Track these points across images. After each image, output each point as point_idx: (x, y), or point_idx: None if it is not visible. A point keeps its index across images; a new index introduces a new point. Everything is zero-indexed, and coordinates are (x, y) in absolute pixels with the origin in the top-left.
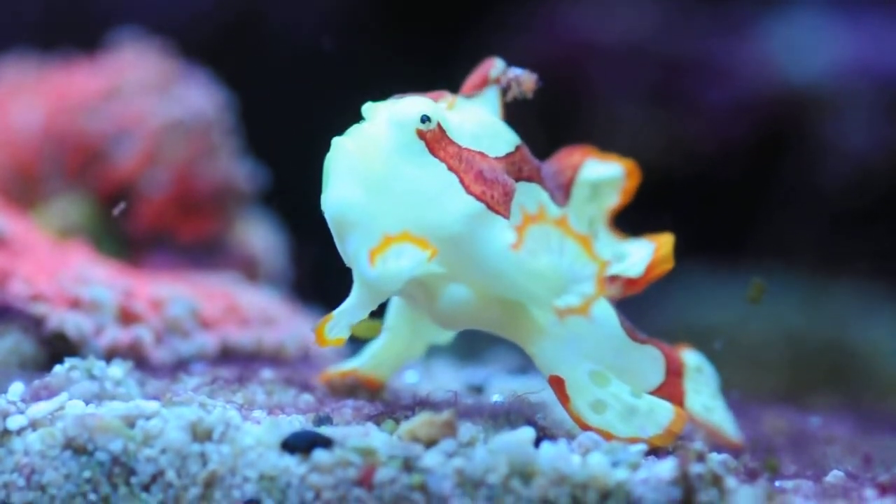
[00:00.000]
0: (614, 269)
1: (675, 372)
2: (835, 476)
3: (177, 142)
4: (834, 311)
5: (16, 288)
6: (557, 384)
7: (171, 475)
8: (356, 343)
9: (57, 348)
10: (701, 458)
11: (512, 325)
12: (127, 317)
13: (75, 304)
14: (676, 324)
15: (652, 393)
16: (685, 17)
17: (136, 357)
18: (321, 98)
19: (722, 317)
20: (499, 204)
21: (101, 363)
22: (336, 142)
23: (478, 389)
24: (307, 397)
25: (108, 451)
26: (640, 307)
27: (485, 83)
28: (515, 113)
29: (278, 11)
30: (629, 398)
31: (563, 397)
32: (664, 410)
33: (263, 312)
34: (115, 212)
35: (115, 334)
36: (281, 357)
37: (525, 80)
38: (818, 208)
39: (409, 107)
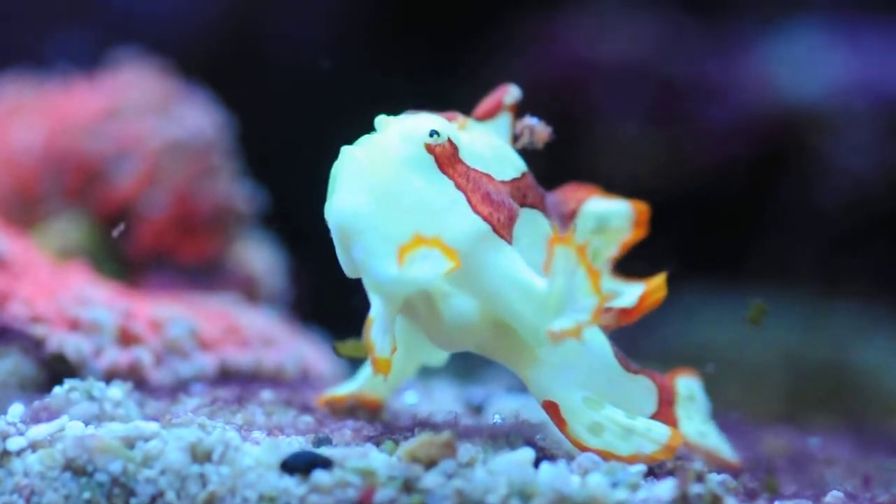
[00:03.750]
0: (609, 302)
1: (667, 401)
2: (834, 496)
3: (176, 162)
4: (833, 331)
5: (15, 309)
6: (552, 409)
7: (170, 496)
8: (356, 364)
9: (56, 370)
10: (700, 478)
11: (507, 348)
12: (126, 338)
13: (75, 325)
14: (675, 344)
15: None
16: (684, 37)
17: (136, 378)
18: (320, 119)
19: (721, 337)
20: (503, 227)
21: (101, 384)
22: (345, 150)
23: (477, 409)
24: (307, 418)
25: (108, 472)
26: (639, 328)
27: (498, 109)
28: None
29: (278, 32)
30: (624, 420)
31: (560, 421)
32: (661, 429)
33: (263, 333)
34: (115, 233)
35: (114, 355)
36: (280, 378)
37: (539, 130)
38: (817, 228)
39: (421, 121)
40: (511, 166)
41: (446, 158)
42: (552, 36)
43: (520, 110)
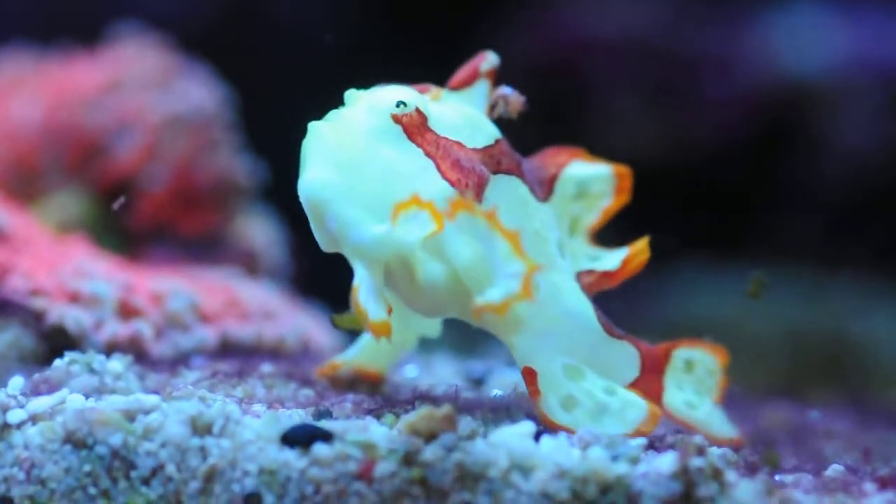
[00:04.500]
0: (589, 265)
1: (652, 368)
2: (835, 470)
3: (177, 136)
4: (834, 305)
5: (15, 282)
6: (530, 376)
7: (171, 469)
8: (354, 336)
9: (57, 342)
10: (701, 452)
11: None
12: (127, 311)
13: (75, 298)
14: (675, 318)
15: (626, 388)
16: (684, 12)
17: (136, 351)
18: (321, 93)
19: (722, 311)
20: (472, 193)
21: (101, 357)
22: (312, 126)
23: (478, 383)
24: (307, 391)
25: (108, 444)
26: (641, 302)
27: (475, 77)
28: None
29: (278, 6)
30: (601, 395)
31: (534, 391)
32: (636, 409)
33: (263, 307)
34: (115, 206)
35: (114, 328)
36: (281, 351)
37: (513, 100)
38: (818, 203)
39: (388, 93)
40: (484, 134)
41: (414, 127)
42: (553, 13)
43: (514, 84)
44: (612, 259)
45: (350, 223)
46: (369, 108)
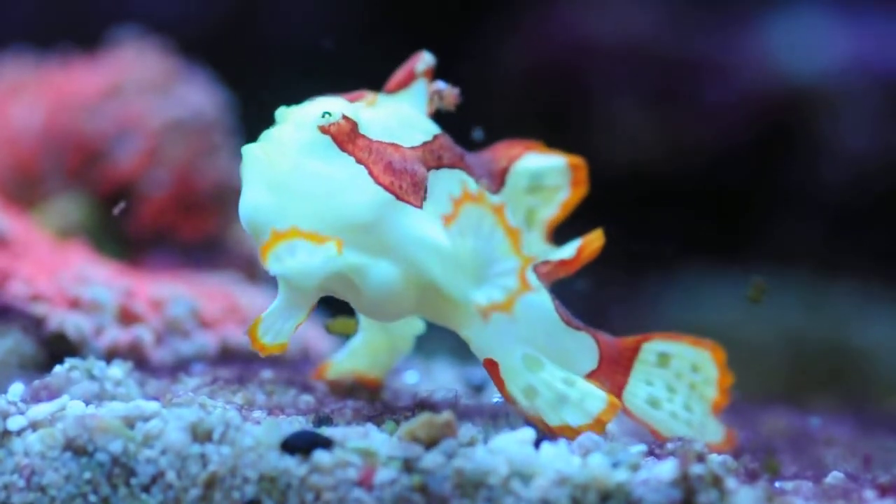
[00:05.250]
0: (546, 256)
1: (614, 361)
2: (835, 477)
3: (177, 141)
4: (834, 311)
5: (16, 288)
6: (492, 367)
7: (171, 476)
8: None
9: (57, 349)
10: (701, 458)
11: (441, 309)
12: (127, 317)
13: (75, 304)
14: (675, 324)
15: (584, 379)
16: (684, 16)
17: (137, 357)
18: (321, 97)
19: (721, 317)
20: (408, 193)
21: (102, 363)
22: (244, 149)
23: (478, 389)
24: (307, 398)
25: (109, 451)
26: (642, 307)
27: (411, 78)
28: (515, 115)
29: (278, 11)
30: (560, 386)
31: (499, 381)
32: (595, 399)
33: None
34: (115, 211)
35: (115, 335)
36: (281, 357)
37: (447, 93)
38: (818, 208)
39: (313, 106)
40: (421, 131)
41: (344, 136)
42: (553, 17)
43: (514, 87)
44: (567, 249)
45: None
46: (297, 123)
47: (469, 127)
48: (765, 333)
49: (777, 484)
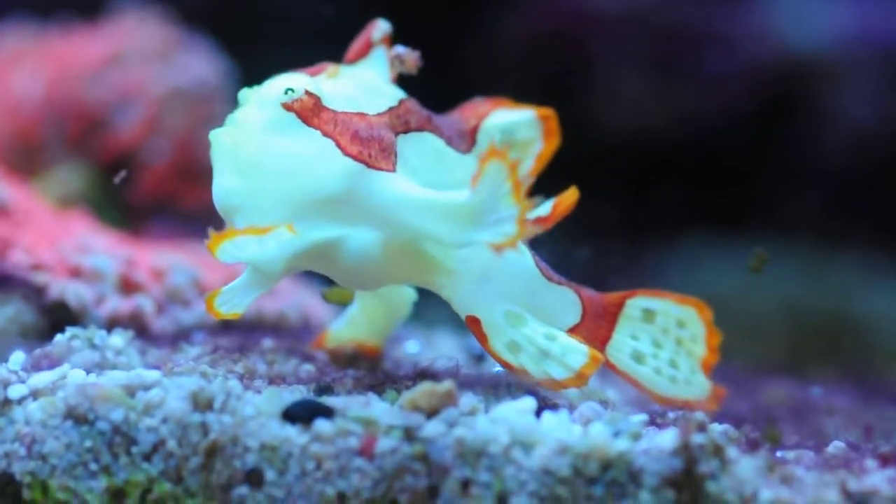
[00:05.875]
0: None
1: (598, 315)
2: (836, 447)
3: (178, 110)
4: (835, 281)
5: (17, 257)
6: (474, 324)
7: (172, 445)
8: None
9: (58, 317)
10: (702, 428)
11: (422, 271)
12: (128, 286)
13: (76, 273)
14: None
15: (566, 333)
16: None
17: (137, 326)
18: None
19: (723, 287)
20: (378, 160)
21: (102, 332)
22: (212, 135)
23: (479, 359)
24: (308, 367)
25: (109, 420)
26: (644, 277)
27: (368, 47)
28: (518, 85)
29: None
30: (542, 341)
31: (482, 336)
32: (577, 354)
33: None
34: (117, 180)
35: (116, 303)
36: (282, 326)
37: (407, 57)
38: (820, 178)
39: (274, 84)
40: (385, 98)
41: (307, 111)
42: None
43: (517, 58)
44: (543, 207)
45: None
46: (259, 103)
47: (473, 97)
48: (766, 303)
49: (778, 453)
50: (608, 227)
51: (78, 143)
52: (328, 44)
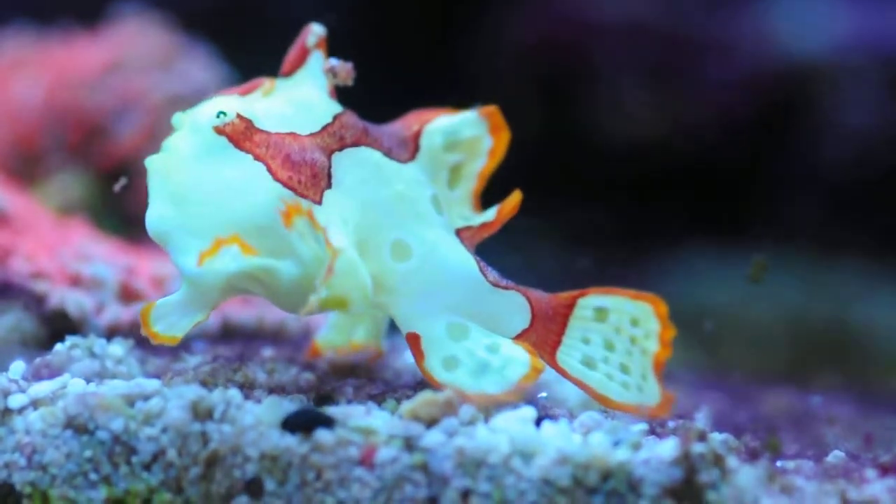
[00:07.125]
0: (468, 222)
1: (548, 318)
2: (836, 456)
3: None
4: (835, 290)
5: (17, 265)
6: (414, 341)
7: (172, 454)
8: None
9: (58, 326)
10: (702, 437)
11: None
12: (128, 294)
13: (76, 281)
14: (676, 303)
15: (517, 338)
16: None
17: (138, 335)
18: None
19: (723, 296)
20: (306, 188)
21: (102, 341)
22: (147, 162)
23: None
24: (308, 376)
25: (110, 429)
26: (642, 286)
27: (305, 55)
28: (517, 93)
29: None
30: (483, 353)
31: (419, 354)
32: (517, 365)
33: None
34: (116, 188)
35: (116, 312)
36: (282, 335)
37: (341, 69)
38: (820, 186)
39: (207, 107)
40: (320, 114)
41: (239, 134)
42: None
43: (515, 65)
44: (489, 212)
45: (182, 255)
46: (192, 128)
47: (471, 104)
48: (766, 312)
49: (778, 463)
50: (607, 236)
51: (78, 150)
52: (329, 51)
